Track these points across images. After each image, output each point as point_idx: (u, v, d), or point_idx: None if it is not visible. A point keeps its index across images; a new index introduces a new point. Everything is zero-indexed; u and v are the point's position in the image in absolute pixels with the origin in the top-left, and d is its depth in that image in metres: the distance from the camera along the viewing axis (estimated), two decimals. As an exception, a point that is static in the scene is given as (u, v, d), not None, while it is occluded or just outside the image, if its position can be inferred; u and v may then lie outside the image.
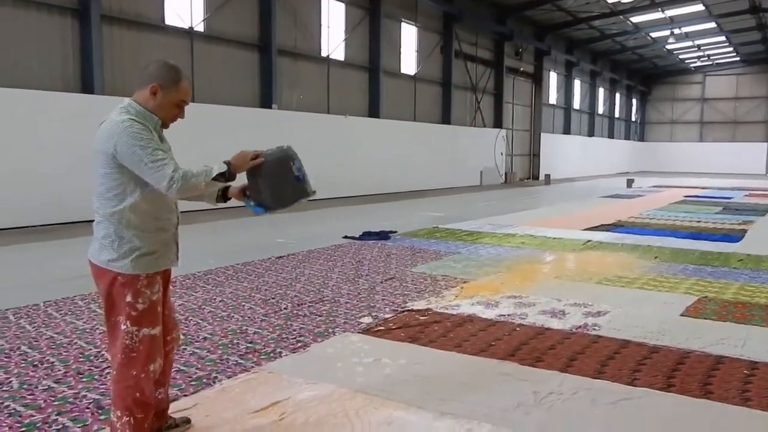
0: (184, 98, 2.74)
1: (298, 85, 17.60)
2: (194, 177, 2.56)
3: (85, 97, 11.80)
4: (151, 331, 2.69)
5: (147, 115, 2.67)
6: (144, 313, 2.66)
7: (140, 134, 2.55)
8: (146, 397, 2.71)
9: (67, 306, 5.42)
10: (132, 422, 2.68)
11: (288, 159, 2.89)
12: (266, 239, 9.53)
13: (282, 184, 2.87)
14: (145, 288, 2.66)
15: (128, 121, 2.57)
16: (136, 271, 2.63)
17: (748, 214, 14.40)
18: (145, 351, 2.68)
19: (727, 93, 45.18)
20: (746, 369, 4.03)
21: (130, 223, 2.62)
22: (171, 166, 2.54)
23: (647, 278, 6.95)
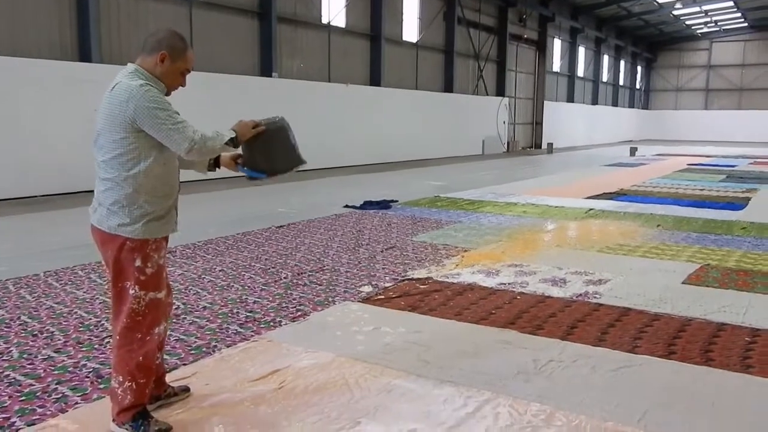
0: (189, 67, 2.78)
1: (299, 54, 17.38)
2: (211, 140, 2.64)
3: (83, 65, 11.66)
4: (157, 294, 2.74)
5: (155, 81, 2.70)
6: (152, 278, 2.70)
7: (158, 98, 2.60)
8: (149, 361, 2.75)
9: (67, 276, 5.41)
10: (134, 387, 2.70)
11: (285, 128, 2.96)
12: (267, 209, 9.49)
13: (280, 151, 2.94)
14: (153, 252, 2.70)
15: (146, 86, 2.60)
16: (146, 236, 2.67)
17: (752, 182, 14.31)
18: (152, 314, 2.73)
19: (733, 60, 44.59)
20: (748, 336, 4.02)
21: (143, 188, 2.64)
22: (191, 129, 2.61)
23: (649, 246, 6.91)
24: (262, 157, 2.94)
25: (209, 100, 13.30)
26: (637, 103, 47.46)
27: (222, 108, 13.66)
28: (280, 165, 3.00)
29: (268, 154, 2.93)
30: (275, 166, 2.98)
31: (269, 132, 2.90)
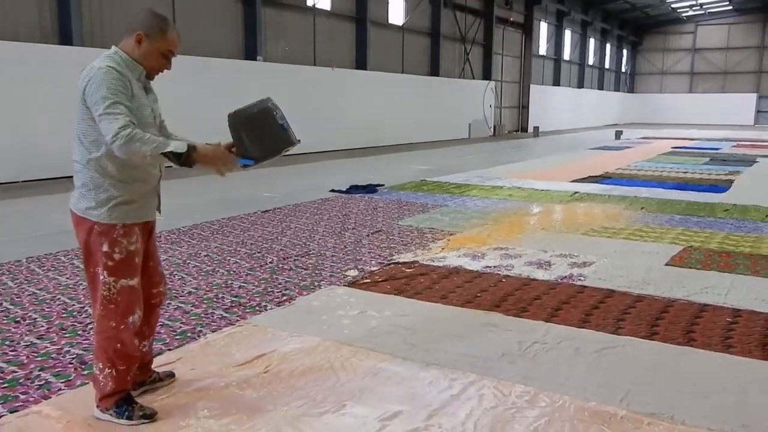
0: (171, 48, 2.66)
1: (284, 37, 17.21)
2: (141, 143, 2.44)
3: (64, 48, 11.47)
4: (129, 282, 2.66)
5: (132, 64, 2.61)
6: (121, 264, 2.63)
7: (111, 83, 2.48)
8: (127, 348, 2.70)
9: (49, 262, 5.36)
10: (114, 374, 2.68)
11: (271, 109, 2.88)
12: (252, 193, 9.44)
13: (269, 133, 2.86)
14: (122, 238, 2.62)
15: (106, 68, 2.51)
16: (113, 221, 2.60)
17: (735, 165, 14.44)
18: (124, 302, 2.66)
19: (718, 43, 44.80)
20: (729, 317, 4.07)
21: (107, 172, 2.57)
22: (121, 122, 2.44)
23: (633, 229, 6.97)
24: (252, 140, 2.86)
25: (193, 83, 13.17)
26: (622, 87, 47.61)
27: (206, 92, 13.55)
28: (269, 148, 2.91)
29: (257, 139, 2.86)
30: (264, 150, 2.90)
31: (254, 115, 2.84)
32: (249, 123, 2.83)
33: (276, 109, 2.88)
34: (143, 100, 2.64)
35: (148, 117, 2.66)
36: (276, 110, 2.88)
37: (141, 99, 2.62)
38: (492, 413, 2.82)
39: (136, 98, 2.58)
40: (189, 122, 2.97)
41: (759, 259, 5.59)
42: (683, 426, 2.72)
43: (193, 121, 8.94)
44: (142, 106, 2.63)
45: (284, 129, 2.86)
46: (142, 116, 2.59)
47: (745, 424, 2.73)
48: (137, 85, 2.62)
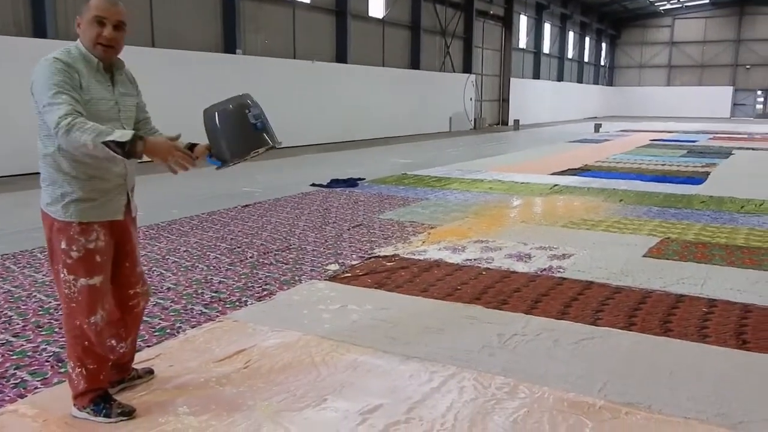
0: (96, 13, 2.48)
1: (263, 30, 17.07)
2: (81, 132, 2.30)
3: (38, 41, 11.26)
4: (88, 281, 2.57)
5: (87, 55, 2.51)
6: (79, 262, 2.55)
7: (55, 74, 2.38)
8: (95, 347, 2.64)
9: (25, 259, 5.27)
10: (85, 373, 2.64)
11: (242, 107, 2.72)
12: (232, 188, 9.37)
13: (237, 133, 2.71)
14: (79, 236, 2.53)
15: (51, 59, 2.42)
16: (68, 218, 2.52)
17: (712, 157, 14.64)
18: (85, 301, 2.58)
19: (695, 36, 45.32)
20: (705, 307, 4.13)
21: (61, 168, 2.50)
22: (62, 111, 2.32)
23: (612, 221, 7.03)
24: (220, 140, 2.70)
25: (171, 77, 13.03)
26: (601, 80, 47.98)
27: (184, 86, 13.40)
28: (238, 147, 2.72)
29: (225, 137, 2.69)
30: (232, 149, 2.71)
31: (222, 112, 2.69)
32: (218, 121, 2.70)
33: (249, 107, 2.73)
34: (102, 93, 2.52)
35: (108, 111, 2.54)
36: (249, 108, 2.73)
37: (97, 92, 2.50)
38: (472, 405, 2.83)
39: (87, 90, 2.46)
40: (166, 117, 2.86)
41: (734, 250, 5.68)
42: (660, 415, 2.75)
43: (171, 117, 8.85)
44: (100, 99, 2.51)
45: (257, 129, 2.70)
46: (97, 110, 2.48)
47: (721, 412, 2.78)
48: (93, 76, 2.50)
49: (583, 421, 2.70)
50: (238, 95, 2.81)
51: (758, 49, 43.17)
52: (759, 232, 6.49)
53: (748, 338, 3.60)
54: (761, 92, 43.86)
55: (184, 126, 2.91)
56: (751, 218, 7.23)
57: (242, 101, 2.75)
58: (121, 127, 2.55)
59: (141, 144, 2.37)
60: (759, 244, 5.95)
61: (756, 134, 23.81)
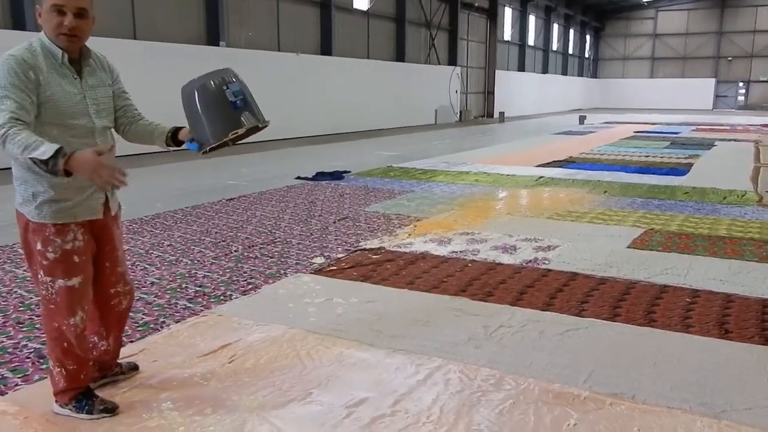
0: (54, 1, 2.33)
1: (247, 22, 16.92)
2: (12, 144, 2.17)
3: (17, 33, 11.08)
4: (66, 282, 2.49)
5: (50, 48, 2.39)
6: (56, 263, 2.47)
7: (6, 74, 2.26)
8: (74, 348, 2.57)
9: (5, 254, 5.20)
10: (64, 373, 2.60)
11: (221, 83, 2.48)
12: (216, 181, 9.31)
13: (214, 112, 2.49)
14: (55, 236, 2.45)
15: (6, 57, 2.31)
16: (42, 219, 2.43)
17: (695, 149, 14.76)
18: (63, 303, 2.51)
19: (678, 29, 45.63)
20: (688, 297, 4.16)
21: (31, 166, 2.32)
22: (2, 119, 2.20)
23: (597, 212, 7.07)
24: (198, 121, 2.52)
25: (153, 70, 12.87)
26: (586, 72, 48.19)
27: (167, 79, 13.25)
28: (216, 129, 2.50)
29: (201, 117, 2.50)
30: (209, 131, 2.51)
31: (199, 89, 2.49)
32: (195, 99, 2.49)
33: (228, 83, 2.49)
34: (66, 87, 2.39)
35: (75, 106, 2.42)
36: (227, 84, 2.49)
37: (59, 87, 2.37)
38: (458, 397, 2.83)
39: (47, 87, 2.33)
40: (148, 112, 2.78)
41: (716, 241, 5.73)
42: (644, 405, 2.77)
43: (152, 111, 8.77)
44: (64, 95, 2.39)
45: (236, 108, 2.47)
46: (61, 106, 2.37)
47: (704, 402, 2.80)
48: (56, 71, 2.38)
49: (568, 412, 2.71)
50: (217, 70, 2.59)
51: (740, 41, 43.57)
52: (741, 222, 6.56)
53: (731, 328, 3.63)
54: (743, 84, 44.29)
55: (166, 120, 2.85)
56: (733, 209, 7.30)
57: (223, 77, 2.52)
58: (91, 123, 2.47)
59: (62, 161, 2.14)
60: (741, 234, 6.01)
61: (738, 126, 24.05)
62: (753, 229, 6.25)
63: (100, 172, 2.18)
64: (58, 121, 2.37)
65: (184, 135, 2.68)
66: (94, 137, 2.48)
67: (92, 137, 2.47)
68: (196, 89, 2.51)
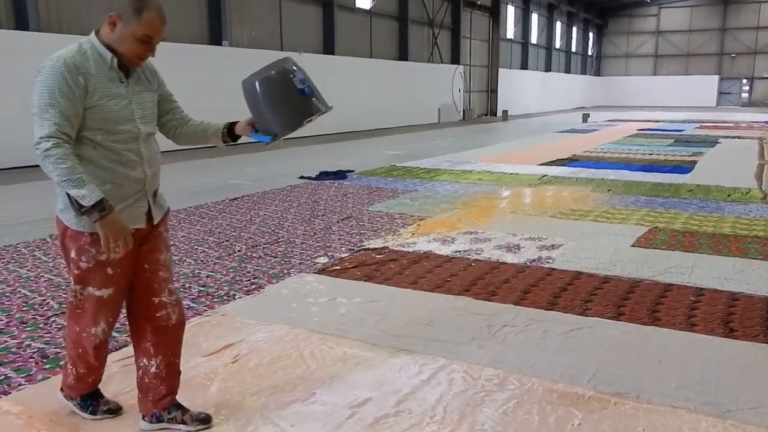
0: (147, 32, 2.26)
1: (249, 21, 16.93)
2: (53, 166, 2.13)
3: (20, 33, 11.10)
4: (96, 291, 2.38)
5: (102, 51, 2.27)
6: (89, 273, 2.36)
7: (51, 80, 2.16)
8: (89, 356, 2.50)
9: (9, 254, 5.21)
10: (75, 373, 2.57)
11: (285, 72, 2.47)
12: (220, 181, 9.31)
13: (287, 102, 2.49)
14: (89, 246, 2.31)
15: (55, 60, 2.19)
16: (79, 227, 2.30)
17: (699, 146, 14.71)
18: (90, 312, 2.42)
19: (681, 26, 45.51)
20: (693, 295, 4.15)
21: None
22: (45, 130, 2.13)
23: (600, 211, 7.05)
24: (268, 112, 2.50)
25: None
26: (589, 70, 48.08)
27: (170, 78, 13.23)
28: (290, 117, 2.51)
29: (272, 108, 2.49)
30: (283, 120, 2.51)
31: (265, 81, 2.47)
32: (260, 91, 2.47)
33: (293, 72, 2.49)
34: (114, 91, 2.29)
35: (121, 111, 2.30)
36: (293, 72, 2.48)
37: (108, 91, 2.27)
38: (462, 397, 2.82)
39: (94, 92, 2.23)
40: None
41: (721, 239, 5.71)
42: (649, 404, 2.76)
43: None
44: (111, 99, 2.28)
45: (305, 94, 2.48)
46: (109, 111, 2.27)
47: (709, 401, 2.79)
48: (105, 76, 2.26)
49: (573, 411, 2.70)
50: (278, 60, 2.55)
51: (743, 37, 43.43)
52: (745, 220, 6.53)
53: (735, 326, 3.62)
54: (746, 81, 44.15)
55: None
56: (738, 206, 7.28)
57: (285, 66, 2.50)
58: (136, 128, 2.35)
59: (96, 215, 2.16)
60: (745, 232, 5.99)
61: (742, 122, 23.97)
62: (758, 226, 6.22)
63: (117, 240, 2.23)
64: (104, 126, 2.27)
65: (241, 129, 2.61)
66: (138, 143, 2.36)
67: (136, 143, 2.36)
68: (264, 81, 2.48)
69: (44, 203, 7.53)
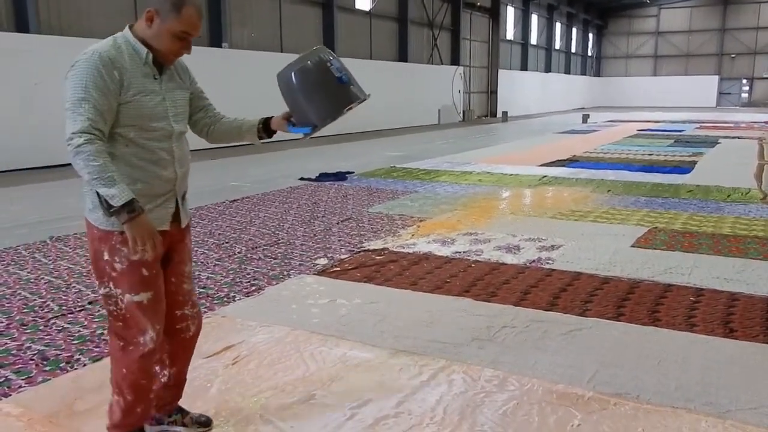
0: (185, 29, 2.20)
1: (249, 23, 16.95)
2: (84, 163, 2.05)
3: (20, 36, 11.12)
4: (133, 297, 2.22)
5: (136, 46, 2.20)
6: (123, 275, 2.21)
7: (86, 73, 2.07)
8: (135, 376, 2.27)
9: (9, 256, 5.21)
10: (122, 403, 2.32)
11: (322, 61, 2.41)
12: (220, 182, 9.32)
13: (326, 91, 2.42)
14: (121, 245, 2.19)
15: (90, 53, 2.11)
16: (108, 227, 2.18)
17: (699, 146, 14.72)
18: (133, 320, 2.25)
19: (680, 26, 45.53)
20: (692, 296, 4.15)
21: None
22: (78, 125, 2.05)
23: (600, 211, 7.05)
24: (307, 103, 2.44)
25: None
26: (589, 71, 48.09)
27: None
28: (330, 107, 2.45)
29: (312, 99, 2.42)
30: (323, 110, 2.45)
31: (302, 71, 2.40)
32: (296, 82, 2.41)
33: (329, 60, 2.42)
34: (148, 87, 2.21)
35: (156, 108, 2.22)
36: (329, 61, 2.42)
37: (143, 87, 2.19)
38: (462, 398, 2.83)
39: (129, 87, 2.16)
40: None
41: (720, 239, 5.71)
42: (649, 405, 2.76)
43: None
44: (146, 95, 2.21)
45: (343, 82, 2.42)
46: (143, 107, 2.19)
47: (709, 401, 2.79)
48: (139, 72, 2.19)
49: (572, 412, 2.70)
50: (312, 50, 2.47)
51: (743, 38, 43.44)
52: (745, 220, 6.54)
53: (735, 326, 3.62)
54: (746, 81, 44.15)
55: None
56: (737, 207, 7.28)
57: (320, 55, 2.43)
58: (170, 126, 2.28)
59: (125, 216, 2.09)
60: (745, 232, 5.99)
61: (742, 123, 23.97)
62: (757, 226, 6.22)
63: (144, 242, 2.14)
64: (137, 122, 2.19)
65: (277, 124, 2.55)
66: (171, 141, 2.28)
67: (169, 141, 2.28)
68: (301, 71, 2.42)
69: (44, 205, 7.54)
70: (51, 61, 9.91)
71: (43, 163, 10.48)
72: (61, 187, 8.67)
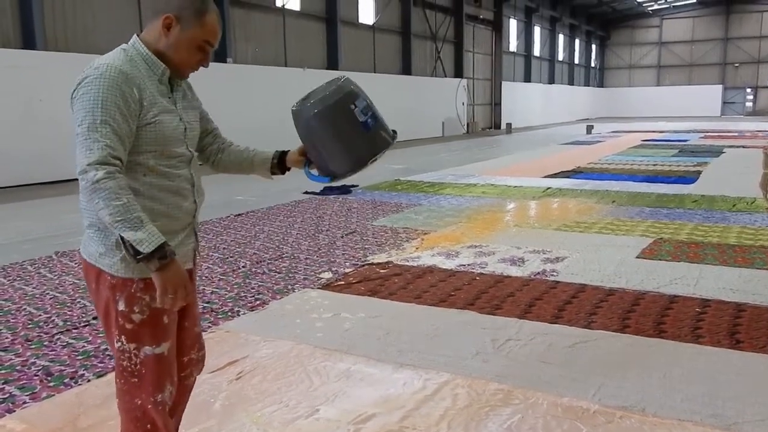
0: (209, 38, 1.92)
1: (253, 38, 17.07)
2: (104, 202, 1.71)
3: (26, 53, 11.22)
4: (155, 349, 1.93)
5: (150, 60, 1.89)
6: (144, 326, 1.91)
7: (104, 92, 1.76)
8: (159, 430, 2.00)
9: (15, 271, 5.23)
10: None
11: (345, 101, 2.05)
12: (224, 197, 9.34)
13: (348, 142, 2.07)
14: (142, 293, 1.89)
15: (104, 67, 1.79)
16: (129, 274, 1.87)
17: (703, 156, 14.69)
18: (150, 376, 1.94)
19: (683, 36, 45.62)
20: (698, 307, 4.13)
21: None
22: (95, 155, 1.72)
23: (605, 222, 7.04)
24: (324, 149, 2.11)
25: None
26: (592, 81, 48.18)
27: (175, 95, 13.37)
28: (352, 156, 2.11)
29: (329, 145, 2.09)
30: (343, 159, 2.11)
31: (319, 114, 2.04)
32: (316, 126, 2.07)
33: (354, 99, 2.06)
34: (166, 106, 1.92)
35: (175, 130, 1.94)
36: (354, 100, 2.06)
37: (162, 107, 1.90)
38: (466, 412, 2.81)
39: (152, 106, 1.86)
40: None
41: (726, 249, 5.69)
42: (654, 418, 2.74)
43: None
44: (166, 116, 1.91)
45: (368, 128, 2.08)
46: (165, 129, 1.90)
47: (715, 413, 2.77)
48: (155, 89, 1.89)
49: (578, 426, 2.69)
50: (336, 81, 2.13)
51: (746, 47, 43.47)
52: (750, 230, 6.51)
53: (742, 338, 3.59)
54: (750, 90, 44.13)
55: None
56: (743, 216, 7.25)
57: (343, 92, 2.07)
58: (188, 151, 2.00)
59: (156, 263, 1.76)
60: (751, 242, 5.96)
61: (746, 132, 23.94)
62: (763, 236, 6.20)
63: (177, 293, 1.82)
64: (157, 147, 1.89)
65: (293, 161, 2.25)
66: (190, 168, 2.01)
67: (188, 168, 2.00)
68: (318, 116, 2.07)
69: (49, 221, 7.57)
70: (56, 77, 10.01)
71: (48, 179, 10.57)
72: (66, 202, 8.72)
